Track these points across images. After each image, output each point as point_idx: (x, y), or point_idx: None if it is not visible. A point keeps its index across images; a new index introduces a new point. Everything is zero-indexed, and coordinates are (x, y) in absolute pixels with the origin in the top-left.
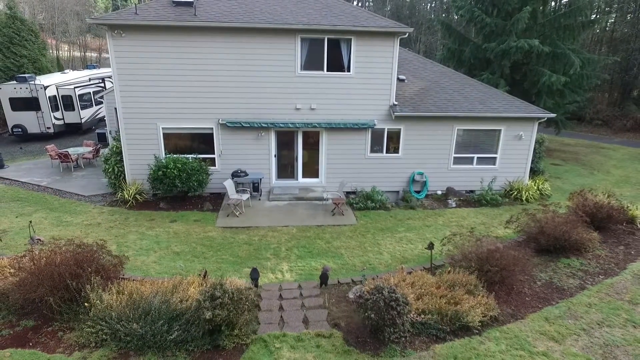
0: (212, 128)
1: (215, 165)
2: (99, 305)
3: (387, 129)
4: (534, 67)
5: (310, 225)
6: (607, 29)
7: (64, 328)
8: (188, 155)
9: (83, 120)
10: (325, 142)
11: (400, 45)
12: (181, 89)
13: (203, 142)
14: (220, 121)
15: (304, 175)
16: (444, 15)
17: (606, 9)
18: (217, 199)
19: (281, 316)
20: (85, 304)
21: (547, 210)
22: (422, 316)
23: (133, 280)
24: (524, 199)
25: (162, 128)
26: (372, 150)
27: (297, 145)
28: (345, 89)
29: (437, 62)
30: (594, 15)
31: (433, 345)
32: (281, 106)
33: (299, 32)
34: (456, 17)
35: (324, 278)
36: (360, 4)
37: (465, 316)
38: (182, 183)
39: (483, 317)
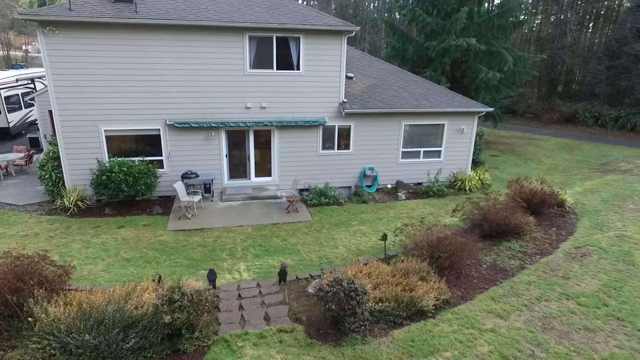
0: (159, 129)
1: (163, 168)
2: (44, 319)
3: (338, 125)
4: (472, 64)
5: (265, 223)
6: (534, 29)
7: (4, 347)
8: (134, 158)
9: (11, 125)
10: (277, 141)
11: (347, 43)
12: (124, 89)
13: (150, 144)
14: (167, 122)
15: (256, 175)
16: (387, 14)
17: (533, 10)
18: (168, 202)
19: (242, 315)
20: (29, 318)
21: (489, 198)
22: (380, 304)
23: (81, 290)
24: (467, 188)
25: (105, 130)
26: (324, 147)
27: (249, 145)
28: (296, 87)
29: (383, 60)
30: (523, 16)
31: (391, 331)
32: (231, 105)
33: (246, 30)
34: (399, 17)
35: (282, 275)
36: (305, 3)
37: (419, 301)
38: (128, 187)
39: (436, 301)
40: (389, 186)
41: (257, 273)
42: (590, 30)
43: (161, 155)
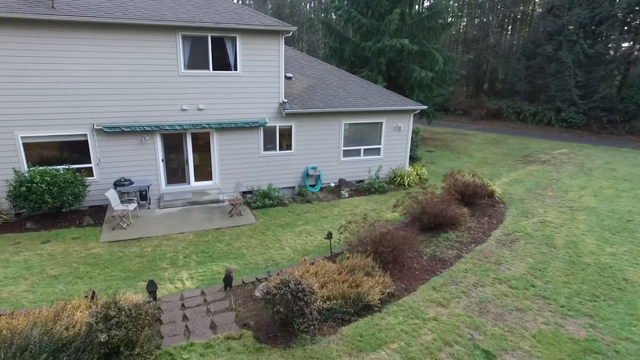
0: (86, 134)
1: (93, 175)
2: None
3: (279, 126)
4: (406, 64)
5: (207, 229)
6: (461, 31)
7: None
8: (59, 167)
9: None
10: (216, 143)
11: (285, 43)
12: (43, 92)
13: (76, 150)
14: (95, 126)
15: (196, 179)
16: (323, 15)
17: (459, 13)
18: (99, 212)
19: (186, 326)
20: None
21: (426, 192)
22: (328, 302)
23: (0, 315)
24: (406, 184)
25: (22, 137)
26: (266, 148)
27: (187, 148)
28: (234, 88)
29: (321, 60)
30: (450, 19)
31: (340, 328)
32: (166, 107)
33: (179, 29)
34: (335, 17)
35: (228, 280)
36: (241, 2)
37: (366, 296)
38: (53, 198)
39: (381, 295)
40: (332, 185)
41: (201, 281)
42: (509, 33)
43: (90, 163)
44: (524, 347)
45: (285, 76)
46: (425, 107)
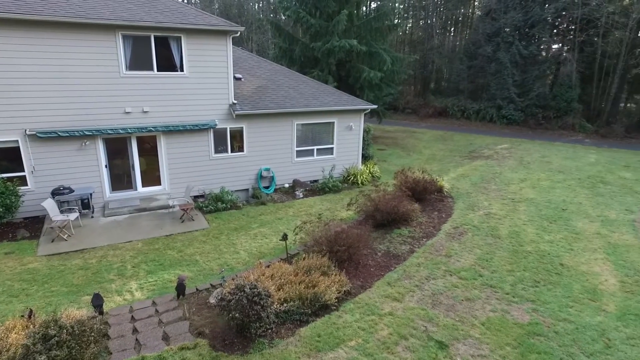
0: (17, 140)
1: (27, 185)
2: None
3: (230, 128)
4: (355, 64)
5: (158, 236)
6: (407, 32)
7: None
8: None
9: None
10: (164, 147)
11: (233, 44)
12: None
13: (6, 158)
14: (28, 132)
15: (144, 184)
16: (272, 15)
17: (404, 15)
18: (36, 223)
19: (136, 339)
20: None
21: (379, 190)
22: (285, 305)
23: None
24: (359, 182)
25: None
26: (217, 151)
27: (132, 152)
28: (181, 90)
29: (271, 61)
30: (397, 20)
31: (298, 330)
32: (107, 111)
33: (118, 28)
34: (284, 18)
35: (180, 288)
36: (186, 1)
37: (323, 296)
38: None
39: (338, 293)
40: (287, 185)
41: (152, 291)
42: (452, 34)
43: (23, 171)
44: (474, 335)
45: (235, 77)
46: (375, 106)
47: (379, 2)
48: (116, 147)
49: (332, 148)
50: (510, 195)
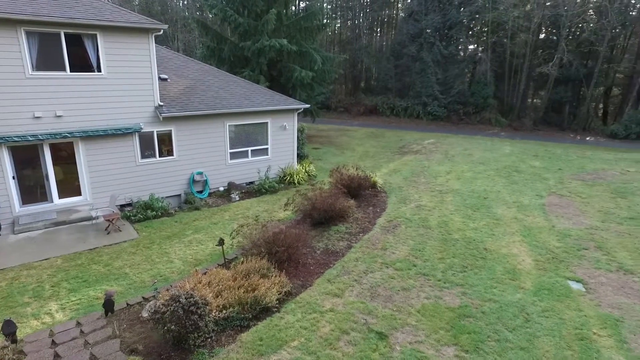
0: None
1: None
2: None
3: (157, 131)
4: (286, 64)
5: (80, 251)
6: (336, 32)
7: None
8: None
9: None
10: (83, 154)
11: (157, 43)
12: None
13: None
14: None
15: (61, 195)
16: (198, 13)
17: (333, 15)
18: None
19: None
20: None
21: (315, 188)
22: (224, 311)
23: None
24: (296, 182)
25: None
26: (144, 156)
27: (45, 161)
28: (100, 92)
29: (199, 61)
30: (325, 20)
31: (239, 336)
32: (12, 115)
33: (20, 23)
34: (211, 16)
35: (108, 305)
36: None
37: (263, 299)
38: None
39: (279, 295)
40: (222, 189)
41: (76, 310)
42: (379, 34)
43: None
44: (411, 323)
45: (160, 78)
46: (308, 105)
47: (307, 2)
48: (26, 156)
49: (266, 149)
50: (438, 187)
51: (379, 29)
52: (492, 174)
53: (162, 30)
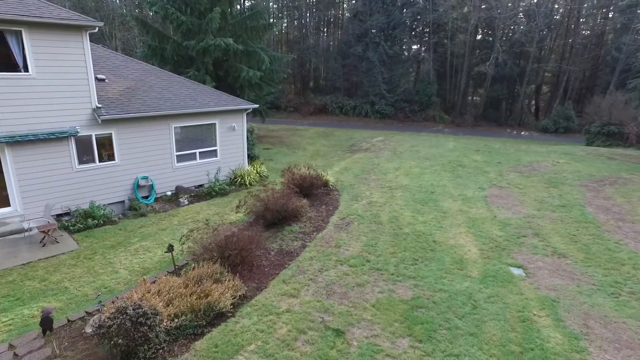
0: None
1: None
2: None
3: (96, 135)
4: (233, 63)
5: (11, 266)
6: (283, 31)
7: None
8: None
9: None
10: (11, 161)
11: (92, 41)
12: None
13: None
14: None
15: None
16: (137, 10)
17: (279, 14)
18: None
19: None
20: None
21: (267, 189)
22: (177, 320)
23: None
24: (247, 183)
25: None
26: (82, 162)
27: None
28: (28, 93)
29: (140, 60)
30: (272, 20)
31: (193, 344)
32: None
33: None
34: (151, 14)
35: (46, 323)
36: None
37: (217, 304)
38: None
39: (233, 299)
40: (169, 193)
41: (8, 332)
42: (325, 34)
43: None
44: (366, 318)
45: (97, 78)
46: (257, 105)
47: (252, 1)
48: None
49: (215, 150)
50: (388, 184)
51: (325, 29)
52: (438, 169)
53: (97, 28)
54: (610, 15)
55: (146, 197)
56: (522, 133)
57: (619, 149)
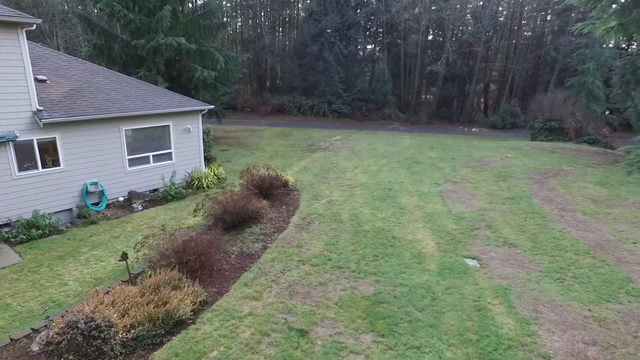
0: None
1: None
2: None
3: (37, 139)
4: (186, 63)
5: None
6: (237, 31)
7: None
8: None
9: None
10: None
11: (31, 39)
12: None
13: None
14: None
15: None
16: (80, 7)
17: (233, 13)
18: None
19: None
20: None
21: (226, 191)
22: (133, 331)
23: None
24: (205, 186)
25: None
26: (22, 168)
27: None
28: None
29: (85, 60)
30: (226, 19)
31: (151, 355)
32: None
33: None
34: (96, 11)
35: None
36: None
37: (176, 312)
38: None
39: (193, 305)
40: (121, 199)
41: None
42: (281, 34)
43: None
44: (330, 316)
45: (37, 79)
46: (212, 106)
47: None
48: None
49: (170, 153)
50: (347, 182)
51: (281, 29)
52: (395, 166)
53: (34, 25)
54: (548, 18)
55: (97, 204)
56: (473, 129)
57: (560, 143)
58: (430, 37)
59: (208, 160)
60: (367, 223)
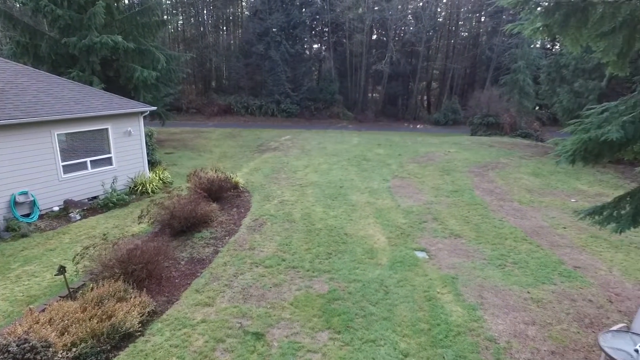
0: None
1: None
2: None
3: None
4: (124, 63)
5: None
6: (179, 29)
7: None
8: None
9: None
10: None
11: None
12: None
13: None
14: None
15: None
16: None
17: (174, 11)
18: None
19: None
20: None
21: (172, 196)
22: (75, 349)
23: None
24: (150, 191)
25: None
26: None
27: None
28: None
29: (6, 59)
30: (166, 16)
31: None
32: None
33: None
34: (18, 5)
35: None
36: None
37: (123, 325)
38: None
39: (141, 316)
40: (56, 208)
41: None
42: (225, 32)
43: None
44: (285, 317)
45: None
46: (154, 108)
47: None
48: None
49: (110, 158)
50: (298, 182)
51: (225, 27)
52: (345, 164)
53: None
54: (482, 20)
55: (28, 215)
56: (418, 126)
57: (497, 137)
58: (374, 37)
59: (152, 164)
60: (320, 221)
